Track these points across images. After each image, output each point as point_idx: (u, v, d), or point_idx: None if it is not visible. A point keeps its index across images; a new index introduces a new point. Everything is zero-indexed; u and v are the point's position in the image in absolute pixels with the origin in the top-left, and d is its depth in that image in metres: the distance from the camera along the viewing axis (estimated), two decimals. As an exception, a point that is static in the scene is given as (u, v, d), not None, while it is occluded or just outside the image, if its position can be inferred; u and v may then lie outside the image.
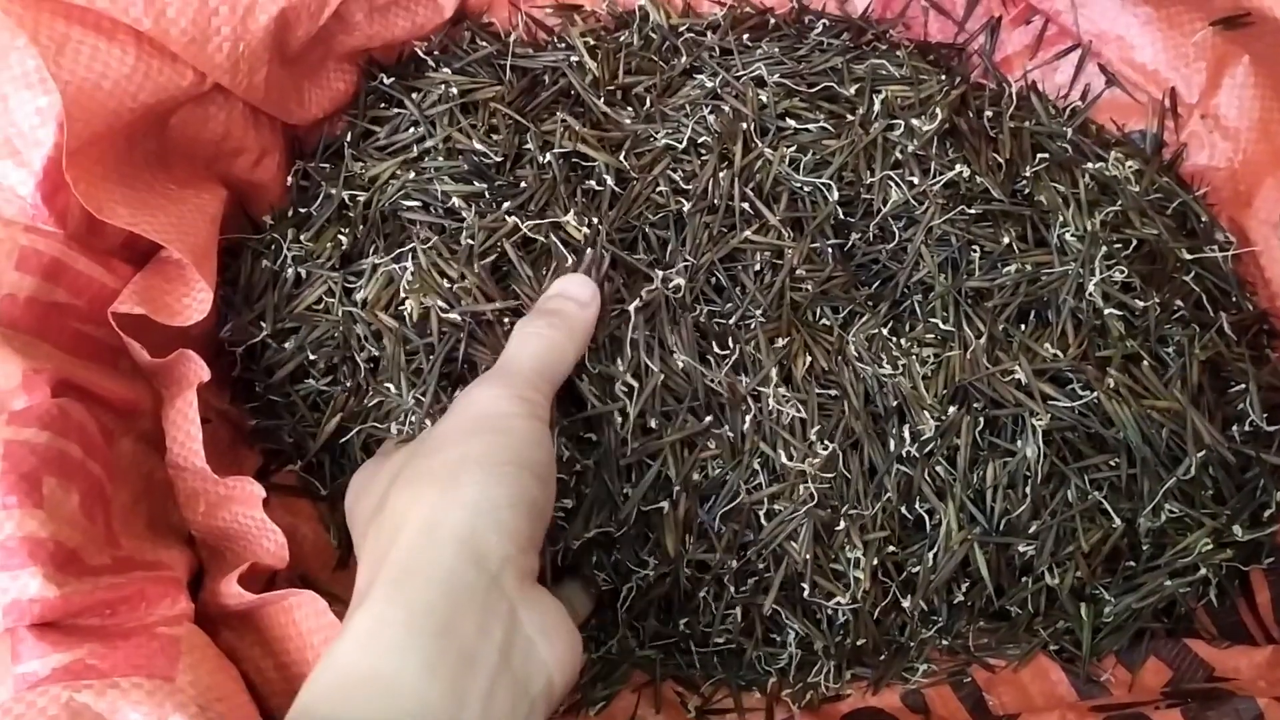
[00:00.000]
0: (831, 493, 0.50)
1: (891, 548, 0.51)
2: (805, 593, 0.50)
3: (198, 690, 0.39)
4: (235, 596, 0.44)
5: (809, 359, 0.52)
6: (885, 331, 0.54)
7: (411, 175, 0.54)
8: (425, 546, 0.37)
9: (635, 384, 0.49)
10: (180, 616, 0.42)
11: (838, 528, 0.50)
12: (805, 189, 0.56)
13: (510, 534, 0.38)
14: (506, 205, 0.52)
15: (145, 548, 0.45)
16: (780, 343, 0.52)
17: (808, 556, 0.49)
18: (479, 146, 0.54)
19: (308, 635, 0.44)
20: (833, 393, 0.52)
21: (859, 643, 0.52)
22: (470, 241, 0.51)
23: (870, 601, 0.51)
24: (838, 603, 0.51)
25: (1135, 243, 0.57)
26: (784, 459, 0.50)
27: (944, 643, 0.55)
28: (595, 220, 0.52)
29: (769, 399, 0.51)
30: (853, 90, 0.59)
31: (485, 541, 0.37)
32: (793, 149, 0.57)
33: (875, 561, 0.50)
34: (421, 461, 0.40)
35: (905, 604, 0.51)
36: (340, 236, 0.53)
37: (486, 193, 0.53)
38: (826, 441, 0.50)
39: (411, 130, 0.56)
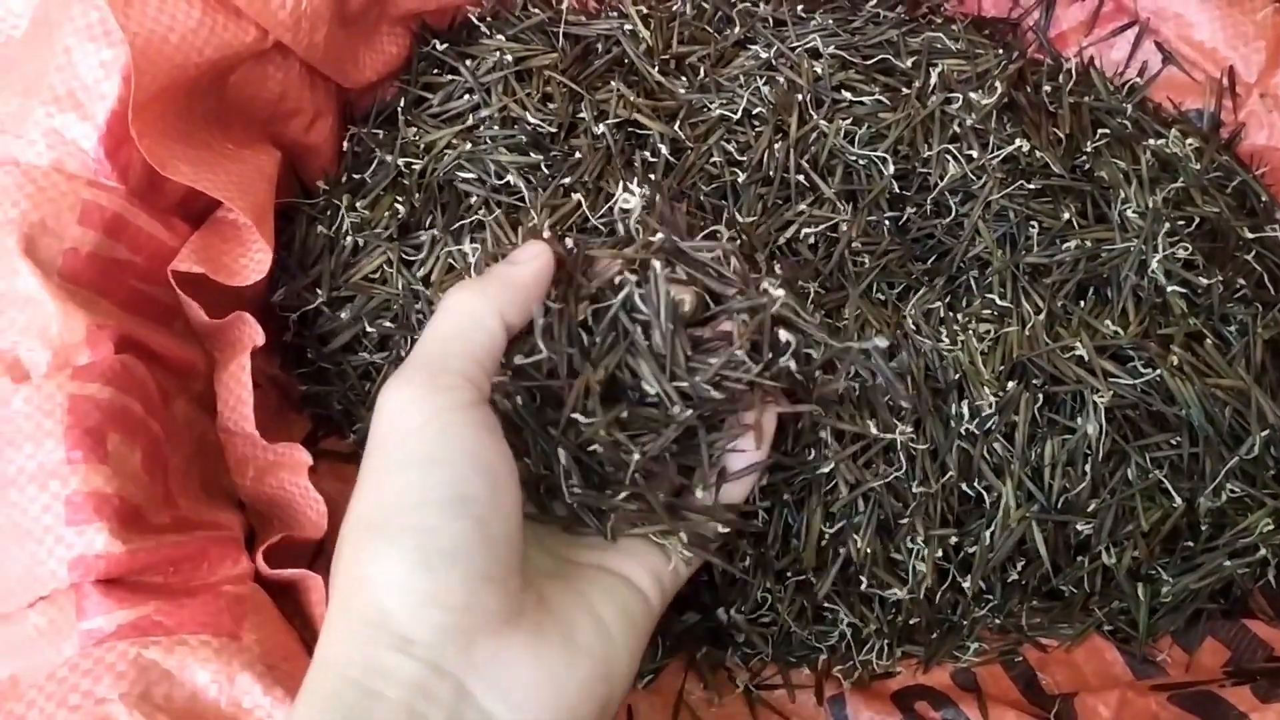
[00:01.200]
0: (903, 476, 0.49)
1: (954, 537, 0.50)
2: (863, 585, 0.49)
3: (264, 649, 0.38)
4: (263, 569, 0.43)
5: (876, 327, 0.51)
6: (942, 307, 0.53)
7: (468, 145, 0.53)
8: (340, 637, 0.33)
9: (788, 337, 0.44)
10: (243, 576, 0.41)
11: (903, 520, 0.49)
12: (860, 162, 0.56)
13: (432, 599, 0.32)
14: (567, 181, 0.51)
15: (201, 509, 0.45)
16: (851, 312, 0.51)
17: (869, 550, 0.48)
18: (533, 119, 0.53)
19: (319, 621, 0.43)
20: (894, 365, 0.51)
21: (911, 622, 0.52)
22: (534, 218, 0.50)
23: (926, 586, 0.50)
24: (893, 592, 0.50)
25: (1197, 220, 0.56)
26: (876, 427, 0.48)
27: (996, 622, 0.54)
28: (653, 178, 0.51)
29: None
30: (909, 63, 0.58)
31: (402, 624, 0.32)
32: (848, 121, 0.56)
33: (940, 553, 0.50)
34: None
35: (965, 585, 0.51)
36: (397, 205, 0.53)
37: (543, 164, 0.53)
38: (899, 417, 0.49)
39: (466, 98, 0.56)
